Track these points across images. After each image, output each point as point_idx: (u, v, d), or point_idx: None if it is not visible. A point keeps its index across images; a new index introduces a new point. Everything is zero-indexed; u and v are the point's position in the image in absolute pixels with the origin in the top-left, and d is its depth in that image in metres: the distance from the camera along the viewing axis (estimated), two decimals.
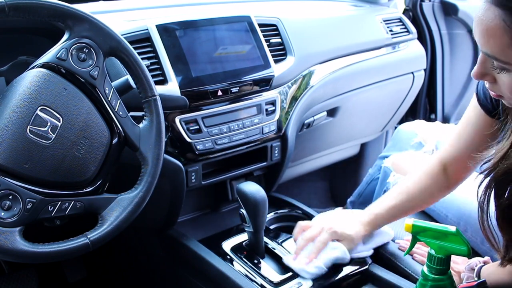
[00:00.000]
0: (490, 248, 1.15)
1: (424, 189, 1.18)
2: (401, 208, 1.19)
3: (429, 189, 1.18)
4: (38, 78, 0.83)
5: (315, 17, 1.59)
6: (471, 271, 1.08)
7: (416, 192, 1.18)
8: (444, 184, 1.18)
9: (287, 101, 1.35)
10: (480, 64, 0.80)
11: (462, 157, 1.12)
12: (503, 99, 0.83)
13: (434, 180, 1.17)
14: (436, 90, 2.36)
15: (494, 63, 0.77)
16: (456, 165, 1.15)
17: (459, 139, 1.13)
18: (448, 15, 2.29)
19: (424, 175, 1.18)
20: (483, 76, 0.81)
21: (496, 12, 0.72)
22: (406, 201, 1.18)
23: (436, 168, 1.17)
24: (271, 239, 1.22)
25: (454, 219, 1.25)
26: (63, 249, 0.82)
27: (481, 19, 0.74)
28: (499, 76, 0.78)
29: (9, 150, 0.79)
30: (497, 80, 0.80)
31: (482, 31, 0.75)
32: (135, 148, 0.93)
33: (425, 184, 1.17)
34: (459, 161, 1.13)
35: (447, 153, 1.16)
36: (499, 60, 0.75)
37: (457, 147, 1.13)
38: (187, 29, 1.17)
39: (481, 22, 0.75)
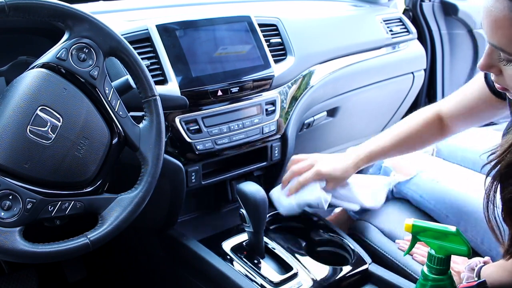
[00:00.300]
0: (490, 248, 1.15)
1: (419, 133, 1.24)
2: (395, 148, 1.25)
3: (424, 134, 1.24)
4: (38, 78, 0.83)
5: (315, 17, 1.59)
6: (471, 271, 1.08)
7: (412, 135, 1.24)
8: (438, 132, 1.24)
9: (287, 101, 1.35)
10: (487, 55, 0.80)
11: (459, 117, 1.19)
12: (508, 92, 0.83)
13: (430, 127, 1.23)
14: (436, 90, 2.36)
15: (501, 55, 0.77)
16: (454, 120, 1.21)
17: (460, 101, 1.18)
18: (448, 15, 2.29)
19: (421, 120, 1.24)
20: (489, 67, 0.81)
21: (505, 3, 0.71)
22: (400, 141, 1.24)
23: (433, 116, 1.23)
24: (271, 239, 1.22)
25: (454, 219, 1.25)
26: (63, 249, 0.82)
27: (490, 10, 0.74)
28: (505, 68, 0.78)
29: (9, 150, 0.79)
30: (503, 72, 0.80)
31: (490, 22, 0.75)
32: (135, 148, 0.93)
33: (421, 128, 1.24)
34: (458, 118, 1.20)
35: (446, 108, 1.22)
36: (506, 52, 0.75)
37: (457, 108, 1.19)
38: (187, 29, 1.17)
39: (489, 13, 0.74)
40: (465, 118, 1.20)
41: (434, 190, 1.32)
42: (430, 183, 1.33)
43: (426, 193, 1.32)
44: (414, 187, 1.36)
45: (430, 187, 1.32)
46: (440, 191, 1.30)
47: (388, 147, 1.26)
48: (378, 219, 1.32)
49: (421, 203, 1.34)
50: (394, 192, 1.43)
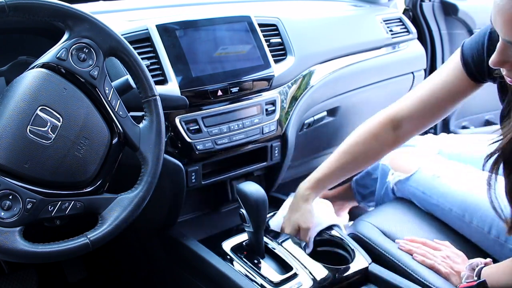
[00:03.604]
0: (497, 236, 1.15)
1: (368, 148, 1.20)
2: (343, 170, 1.22)
3: (374, 148, 1.20)
4: (38, 78, 0.83)
5: (315, 17, 1.59)
6: (472, 270, 1.09)
7: (360, 152, 1.20)
8: (390, 143, 1.20)
9: (287, 101, 1.35)
10: (500, 52, 0.81)
11: (421, 116, 1.15)
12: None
13: (380, 140, 1.19)
14: None
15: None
16: (412, 124, 1.17)
17: (426, 97, 1.14)
18: (448, 15, 2.29)
19: (369, 135, 1.20)
20: (503, 64, 0.82)
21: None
22: (350, 162, 1.21)
23: (384, 127, 1.18)
24: (271, 239, 1.22)
25: (459, 211, 1.25)
26: (63, 249, 0.82)
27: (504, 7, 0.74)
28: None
29: (9, 150, 0.79)
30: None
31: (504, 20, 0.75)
32: (135, 148, 0.93)
33: (370, 144, 1.20)
34: (417, 120, 1.16)
35: (403, 111, 1.17)
36: None
37: (420, 106, 1.15)
38: (187, 29, 1.17)
39: (503, 11, 0.75)
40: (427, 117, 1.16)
41: (435, 185, 1.31)
42: (431, 178, 1.33)
43: (428, 189, 1.32)
44: (415, 183, 1.36)
45: (432, 183, 1.32)
46: (441, 186, 1.30)
47: (333, 171, 1.22)
48: (378, 219, 1.32)
49: (424, 199, 1.34)
50: (395, 190, 1.43)
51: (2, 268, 1.52)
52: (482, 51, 1.03)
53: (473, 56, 1.05)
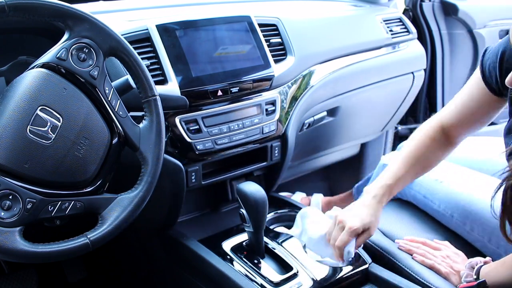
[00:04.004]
0: (498, 246, 1.15)
1: (429, 151, 1.20)
2: (411, 174, 1.20)
3: (434, 151, 1.21)
4: (38, 78, 0.83)
5: (315, 17, 1.59)
6: (471, 269, 1.09)
7: (422, 155, 1.20)
8: (446, 144, 1.21)
9: (287, 101, 1.35)
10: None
11: (461, 125, 1.17)
12: None
13: (437, 142, 1.20)
14: (436, 90, 2.36)
15: None
16: (455, 131, 1.19)
17: (460, 109, 1.16)
18: (448, 15, 2.29)
19: (427, 139, 1.20)
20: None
21: None
22: (414, 166, 1.19)
23: (436, 130, 1.20)
24: (271, 239, 1.22)
25: (460, 219, 1.25)
26: (63, 249, 0.82)
27: None
28: None
29: (9, 150, 0.79)
30: None
31: None
32: (135, 148, 0.93)
33: (429, 147, 1.20)
34: (458, 128, 1.18)
35: (446, 119, 1.19)
36: None
37: (457, 116, 1.17)
38: (187, 29, 1.17)
39: None
40: (468, 124, 1.18)
41: (437, 190, 1.31)
42: (433, 183, 1.33)
43: (430, 193, 1.32)
44: (417, 187, 1.35)
45: (434, 187, 1.32)
46: (444, 191, 1.30)
47: (405, 176, 1.19)
48: None
49: (425, 203, 1.34)
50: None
51: (2, 268, 1.52)
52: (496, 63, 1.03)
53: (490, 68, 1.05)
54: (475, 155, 1.44)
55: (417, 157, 1.19)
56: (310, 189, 1.89)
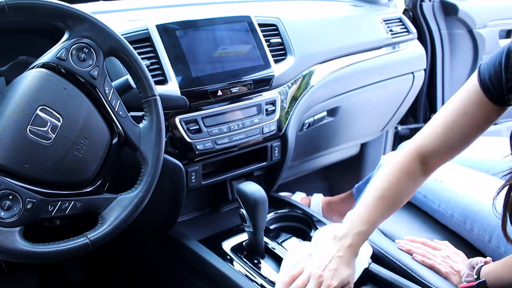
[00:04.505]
0: (498, 245, 1.15)
1: (403, 188, 1.10)
2: (384, 215, 1.11)
3: (409, 187, 1.11)
4: (38, 78, 0.83)
5: (315, 17, 1.59)
6: (472, 269, 1.09)
7: (396, 195, 1.10)
8: (421, 176, 1.11)
9: (287, 101, 1.35)
10: None
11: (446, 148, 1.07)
12: None
13: (412, 176, 1.10)
14: (436, 90, 2.35)
15: None
16: (437, 157, 1.09)
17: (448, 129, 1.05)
18: (448, 15, 2.29)
19: (402, 174, 1.09)
20: None
21: None
22: (388, 206, 1.10)
23: (413, 163, 1.09)
24: (271, 239, 1.22)
25: (460, 218, 1.25)
26: (63, 249, 0.82)
27: None
28: None
29: (9, 150, 0.79)
30: None
31: None
32: (135, 148, 0.93)
33: (404, 183, 1.10)
34: (441, 153, 1.08)
35: (428, 146, 1.08)
36: None
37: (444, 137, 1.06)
38: (187, 29, 1.17)
39: None
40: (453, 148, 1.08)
41: (437, 190, 1.31)
42: (433, 183, 1.33)
43: (430, 193, 1.32)
44: None
45: (434, 187, 1.32)
46: (444, 191, 1.30)
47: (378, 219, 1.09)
48: None
49: (425, 203, 1.34)
50: None
51: (2, 268, 1.52)
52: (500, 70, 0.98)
53: (491, 76, 1.00)
54: (475, 155, 1.44)
55: (390, 197, 1.09)
56: (310, 189, 1.89)
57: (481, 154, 1.44)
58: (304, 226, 1.33)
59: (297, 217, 1.35)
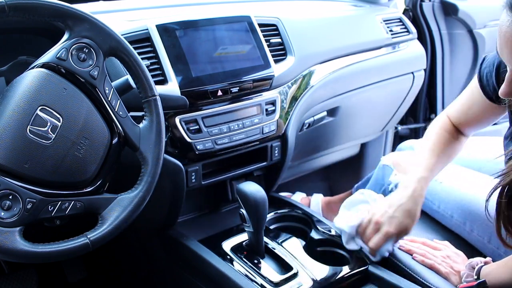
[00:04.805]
0: (497, 246, 1.15)
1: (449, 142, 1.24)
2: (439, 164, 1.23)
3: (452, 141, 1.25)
4: (38, 78, 0.83)
5: (315, 17, 1.59)
6: (472, 269, 1.09)
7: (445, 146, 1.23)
8: (459, 136, 1.26)
9: (287, 101, 1.35)
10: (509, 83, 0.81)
11: (467, 123, 1.22)
12: None
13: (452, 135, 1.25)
14: (436, 90, 2.35)
15: None
16: (462, 127, 1.24)
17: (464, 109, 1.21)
18: (448, 15, 2.29)
19: (444, 131, 1.24)
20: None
21: None
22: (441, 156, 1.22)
23: (448, 124, 1.25)
24: (271, 239, 1.22)
25: (460, 219, 1.25)
26: (63, 249, 0.82)
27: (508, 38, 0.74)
28: None
29: (9, 150, 0.79)
30: None
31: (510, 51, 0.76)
32: (135, 148, 0.93)
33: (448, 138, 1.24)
34: (465, 125, 1.23)
35: (453, 116, 1.24)
36: None
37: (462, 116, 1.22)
38: (187, 29, 1.16)
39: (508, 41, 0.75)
40: (472, 124, 1.23)
41: (437, 190, 1.31)
42: (433, 183, 1.32)
43: (430, 194, 1.32)
44: None
45: (434, 188, 1.32)
46: (444, 192, 1.30)
47: (436, 166, 1.20)
48: None
49: (425, 204, 1.34)
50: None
51: (2, 268, 1.52)
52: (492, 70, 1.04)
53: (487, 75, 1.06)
54: (475, 155, 1.44)
55: (441, 147, 1.22)
56: (310, 189, 1.89)
57: (481, 154, 1.44)
58: (304, 226, 1.33)
59: (297, 217, 1.35)
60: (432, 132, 1.26)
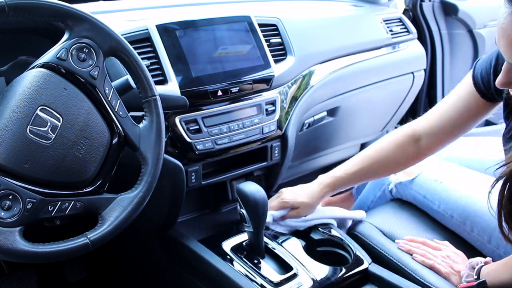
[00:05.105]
0: (497, 246, 1.15)
1: (391, 157, 1.20)
2: (363, 173, 1.22)
3: (397, 157, 1.20)
4: (38, 78, 0.83)
5: (315, 17, 1.59)
6: (472, 269, 1.09)
7: (382, 159, 1.20)
8: (413, 155, 1.20)
9: (287, 101, 1.35)
10: (506, 73, 0.81)
11: (441, 132, 1.15)
12: None
13: (403, 150, 1.19)
14: (436, 90, 2.36)
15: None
16: (431, 139, 1.17)
17: (443, 113, 1.14)
18: (448, 15, 2.29)
19: (393, 144, 1.20)
20: (508, 84, 0.83)
21: None
22: (369, 166, 1.21)
23: (406, 138, 1.18)
24: (271, 239, 1.22)
25: (460, 219, 1.25)
26: (63, 249, 0.82)
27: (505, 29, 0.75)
28: None
29: (9, 150, 0.79)
30: None
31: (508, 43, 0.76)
32: (135, 148, 0.93)
33: (393, 152, 1.19)
34: (436, 135, 1.16)
35: (423, 126, 1.17)
36: None
37: (439, 122, 1.15)
38: (187, 29, 1.17)
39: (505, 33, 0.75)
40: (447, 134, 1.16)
41: (437, 190, 1.31)
42: (433, 183, 1.33)
43: (430, 194, 1.32)
44: (417, 187, 1.35)
45: (434, 187, 1.32)
46: (444, 191, 1.30)
47: (353, 173, 1.22)
48: (378, 219, 1.32)
49: (425, 203, 1.34)
50: (394, 192, 1.43)
51: (2, 268, 1.52)
52: (489, 69, 1.03)
53: (482, 73, 1.05)
54: (475, 155, 1.44)
55: (375, 158, 1.21)
56: None
57: (481, 154, 1.44)
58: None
59: None
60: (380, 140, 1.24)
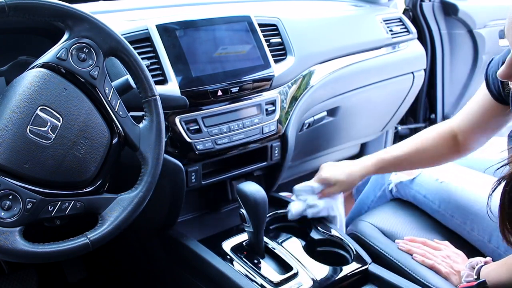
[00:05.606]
0: (498, 245, 1.15)
1: (435, 146, 1.22)
2: (408, 159, 1.24)
3: (440, 148, 1.23)
4: (38, 78, 0.83)
5: (315, 17, 1.59)
6: (472, 269, 1.09)
7: (427, 147, 1.22)
8: (454, 148, 1.23)
9: (287, 101, 1.35)
10: (509, 65, 0.81)
11: (470, 130, 1.18)
12: None
13: (445, 142, 1.22)
14: (436, 90, 2.36)
15: None
16: (465, 137, 1.20)
17: (470, 115, 1.18)
18: (448, 15, 2.29)
19: (437, 135, 1.22)
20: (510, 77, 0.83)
21: None
22: (415, 153, 1.23)
23: (448, 132, 1.22)
24: (271, 239, 1.22)
25: (460, 219, 1.25)
26: (63, 249, 0.82)
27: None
28: None
29: (9, 150, 0.79)
30: None
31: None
32: (135, 148, 0.93)
33: (437, 142, 1.22)
34: (469, 134, 1.19)
35: (457, 124, 1.21)
36: None
37: (468, 122, 1.18)
38: (187, 29, 1.17)
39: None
40: (477, 132, 1.19)
41: (438, 190, 1.31)
42: (434, 183, 1.33)
43: (430, 193, 1.32)
44: (417, 187, 1.35)
45: (434, 187, 1.32)
46: (444, 191, 1.30)
47: (400, 157, 1.24)
48: (378, 219, 1.32)
49: (425, 203, 1.34)
50: (394, 192, 1.43)
51: (2, 268, 1.52)
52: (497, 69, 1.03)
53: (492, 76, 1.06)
54: (475, 155, 1.44)
55: (421, 146, 1.22)
56: None
57: (481, 154, 1.44)
58: (304, 226, 1.33)
59: None
60: (424, 131, 1.26)
